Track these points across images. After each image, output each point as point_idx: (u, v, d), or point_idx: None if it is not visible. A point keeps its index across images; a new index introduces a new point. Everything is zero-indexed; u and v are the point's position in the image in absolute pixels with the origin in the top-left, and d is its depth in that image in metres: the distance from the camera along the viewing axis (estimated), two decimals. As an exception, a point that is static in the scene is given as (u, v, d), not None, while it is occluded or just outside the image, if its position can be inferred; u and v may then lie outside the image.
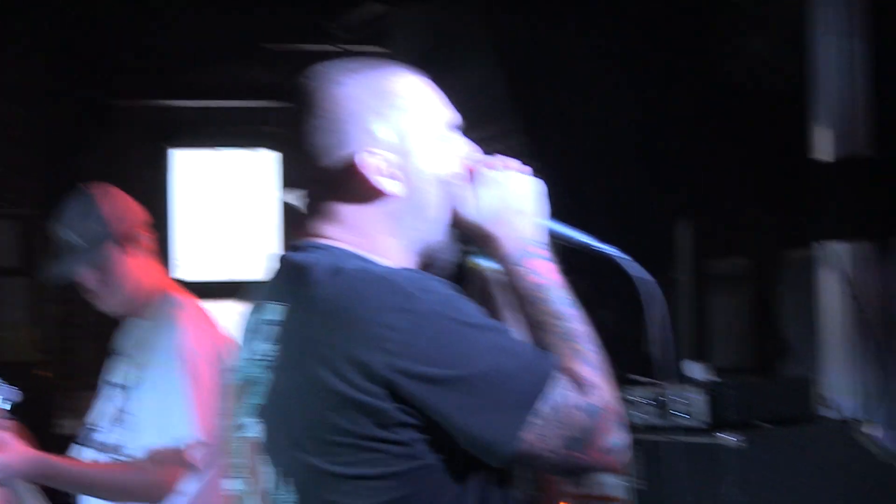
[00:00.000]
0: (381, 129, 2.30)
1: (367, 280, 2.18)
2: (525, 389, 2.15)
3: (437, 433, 2.15)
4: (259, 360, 2.30)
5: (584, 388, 2.12)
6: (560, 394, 2.10)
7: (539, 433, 2.13)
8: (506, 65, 6.80)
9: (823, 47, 6.34)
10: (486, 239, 2.37)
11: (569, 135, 6.60)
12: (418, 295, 2.16)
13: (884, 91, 6.23)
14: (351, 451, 2.15)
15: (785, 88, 6.65)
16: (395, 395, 2.10)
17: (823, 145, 6.25)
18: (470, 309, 2.24)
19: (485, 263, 2.52)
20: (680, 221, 7.02)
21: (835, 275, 6.22)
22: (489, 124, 7.42)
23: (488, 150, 2.49)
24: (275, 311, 2.25)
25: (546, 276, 2.33)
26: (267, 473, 2.30)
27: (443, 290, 2.20)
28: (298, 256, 2.29)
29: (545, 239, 2.41)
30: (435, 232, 2.38)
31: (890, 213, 6.20)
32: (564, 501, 5.69)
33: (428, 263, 2.42)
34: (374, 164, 2.27)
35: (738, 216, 7.08)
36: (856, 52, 6.27)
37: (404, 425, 2.13)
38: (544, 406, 2.14)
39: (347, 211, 2.32)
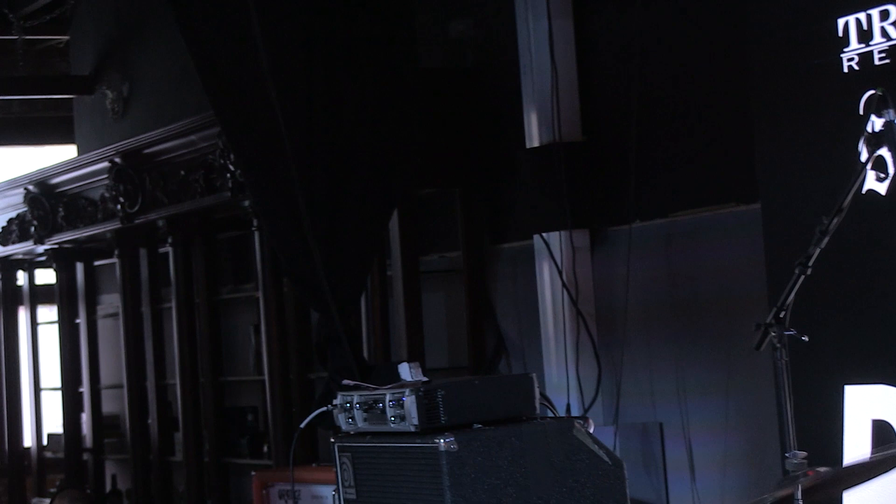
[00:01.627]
0: None
1: None
2: None
3: None
4: None
5: None
6: None
7: None
8: (197, 51, 6.51)
9: (529, 30, 6.57)
10: None
11: (269, 129, 6.33)
12: None
13: (590, 76, 6.53)
14: None
15: (494, 78, 6.91)
16: None
17: (533, 132, 6.46)
18: None
19: None
20: (389, 216, 6.89)
21: (550, 266, 6.36)
22: (193, 113, 7.83)
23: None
24: None
25: None
26: None
27: None
28: None
29: None
30: None
31: (602, 200, 6.39)
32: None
33: None
34: None
35: (449, 208, 7.25)
36: (561, 36, 6.51)
37: None
38: None
39: None
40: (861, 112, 4.62)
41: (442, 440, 4.45)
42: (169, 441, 9.14)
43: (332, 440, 4.96)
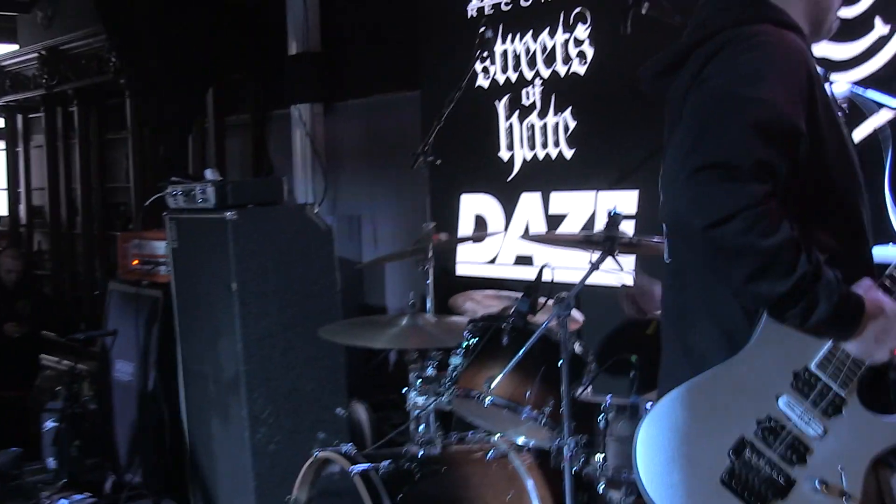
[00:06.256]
0: None
1: None
2: None
3: None
4: None
5: None
6: None
7: None
8: None
9: None
10: None
11: (134, 38, 7.17)
12: None
13: (331, 7, 7.19)
14: None
15: (268, 3, 7.42)
16: None
17: (291, 44, 7.29)
18: None
19: None
20: (206, 91, 7.92)
21: (300, 126, 7.31)
22: (91, 24, 8.65)
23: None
24: None
25: None
26: None
27: None
28: None
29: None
30: None
31: (334, 87, 7.23)
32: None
33: None
34: None
35: (242, 86, 8.02)
36: None
37: None
38: None
39: None
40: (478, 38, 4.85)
41: (228, 213, 5.23)
42: (73, 221, 10.17)
43: (164, 213, 5.70)
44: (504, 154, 5.86)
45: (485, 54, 4.94)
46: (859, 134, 3.95)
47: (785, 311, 2.30)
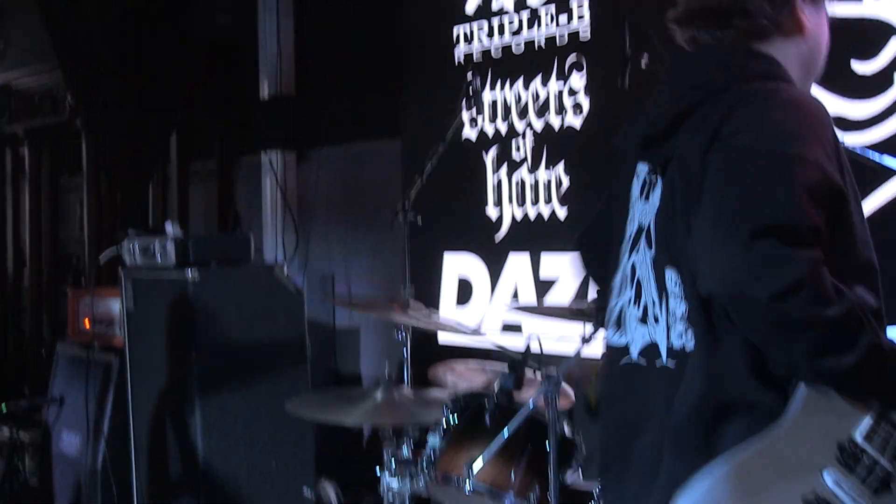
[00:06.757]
0: None
1: None
2: None
3: None
4: None
5: None
6: None
7: None
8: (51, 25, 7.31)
9: (265, 9, 7.28)
10: None
11: (90, 77, 7.29)
12: None
13: (305, 50, 7.38)
14: None
15: (238, 43, 7.61)
16: None
17: (263, 87, 7.43)
18: None
19: None
20: (169, 134, 7.98)
21: (270, 172, 7.40)
22: (46, 60, 8.50)
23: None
24: None
25: None
26: None
27: None
28: None
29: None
30: None
31: (307, 134, 7.29)
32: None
33: None
34: None
35: (209, 132, 8.01)
36: (284, 22, 7.26)
37: None
38: None
39: None
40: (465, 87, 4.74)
41: (189, 272, 5.32)
42: (20, 273, 10.15)
43: (120, 270, 5.78)
44: (491, 211, 5.99)
45: (471, 103, 4.82)
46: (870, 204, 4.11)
47: (853, 383, 2.32)
